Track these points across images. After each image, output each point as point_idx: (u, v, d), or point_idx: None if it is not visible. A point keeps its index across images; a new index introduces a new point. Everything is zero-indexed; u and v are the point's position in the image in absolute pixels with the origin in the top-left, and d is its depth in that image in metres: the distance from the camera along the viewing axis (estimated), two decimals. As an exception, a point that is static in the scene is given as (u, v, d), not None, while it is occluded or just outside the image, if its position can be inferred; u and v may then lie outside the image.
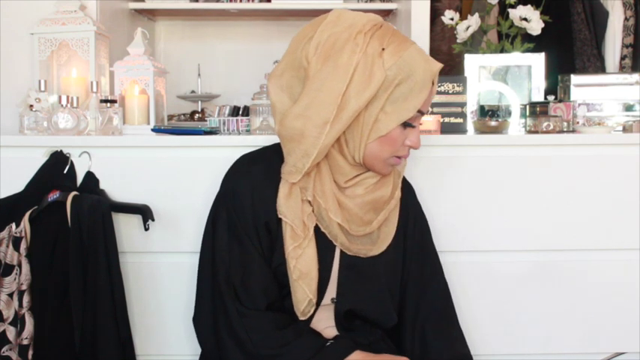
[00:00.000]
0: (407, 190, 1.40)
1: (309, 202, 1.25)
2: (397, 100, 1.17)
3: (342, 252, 1.30)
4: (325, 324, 1.33)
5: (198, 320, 1.36)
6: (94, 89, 1.69)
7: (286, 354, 1.23)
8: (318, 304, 1.29)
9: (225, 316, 1.27)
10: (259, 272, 1.27)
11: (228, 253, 1.28)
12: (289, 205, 1.23)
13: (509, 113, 1.83)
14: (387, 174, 1.28)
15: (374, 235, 1.31)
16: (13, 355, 1.43)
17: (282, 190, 1.24)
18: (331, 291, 1.31)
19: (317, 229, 1.27)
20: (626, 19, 2.53)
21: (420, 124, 1.26)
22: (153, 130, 1.68)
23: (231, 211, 1.28)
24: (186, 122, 2.54)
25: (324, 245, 1.28)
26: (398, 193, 1.32)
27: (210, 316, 1.32)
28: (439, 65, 1.21)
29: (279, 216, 1.24)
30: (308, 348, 1.24)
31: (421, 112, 1.22)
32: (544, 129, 1.66)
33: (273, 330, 1.25)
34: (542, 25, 1.99)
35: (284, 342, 1.24)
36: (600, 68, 2.54)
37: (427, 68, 1.18)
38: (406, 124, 1.21)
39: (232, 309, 1.26)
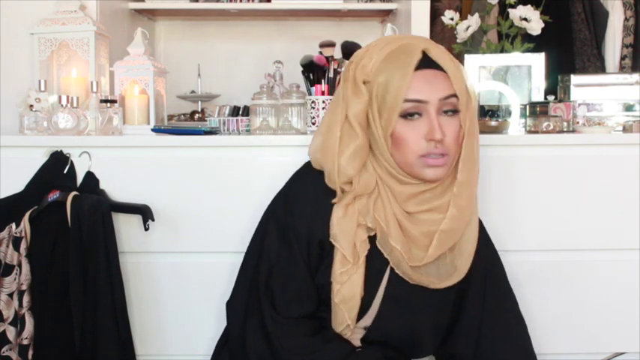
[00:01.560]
0: (480, 231, 1.33)
1: (369, 227, 1.22)
2: (384, 97, 1.18)
3: (388, 281, 1.26)
4: (351, 336, 1.32)
5: (231, 305, 1.36)
6: (94, 89, 1.69)
7: (316, 359, 1.24)
8: None
9: (259, 316, 1.27)
10: (300, 283, 1.26)
11: (275, 255, 1.27)
12: (342, 229, 1.21)
13: (509, 113, 1.83)
14: (432, 178, 1.20)
15: (442, 268, 1.25)
16: (13, 355, 1.43)
17: (337, 212, 1.22)
18: (368, 318, 1.28)
19: (369, 255, 1.23)
20: (626, 19, 2.53)
21: (456, 109, 1.19)
22: (153, 130, 1.68)
23: (289, 215, 1.26)
24: (186, 122, 2.54)
25: (373, 273, 1.25)
26: (472, 229, 1.27)
27: (244, 306, 1.32)
28: (419, 46, 1.18)
29: (331, 239, 1.22)
30: (337, 355, 1.24)
31: (417, 101, 1.16)
32: (544, 129, 1.66)
33: (304, 337, 1.25)
34: (542, 25, 1.98)
35: (313, 349, 1.24)
36: (600, 68, 2.54)
37: (405, 57, 1.17)
38: (406, 116, 1.17)
39: (267, 313, 1.26)
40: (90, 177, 1.53)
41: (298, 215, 1.25)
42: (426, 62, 1.18)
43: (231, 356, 1.36)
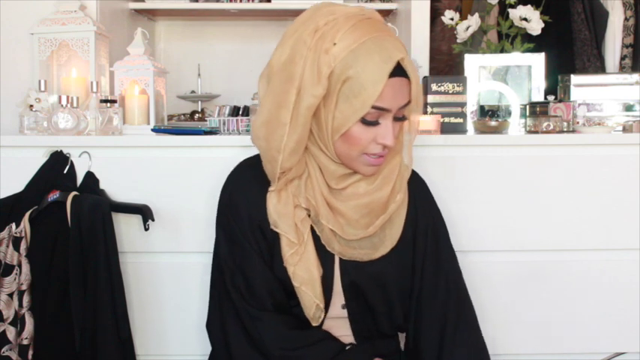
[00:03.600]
0: (417, 186, 1.34)
1: (304, 207, 1.23)
2: (348, 97, 1.12)
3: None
4: (339, 332, 1.30)
5: (211, 326, 1.34)
6: (94, 89, 1.69)
7: (303, 356, 1.23)
8: (326, 309, 1.27)
9: (236, 319, 1.26)
10: (262, 275, 1.25)
11: (231, 258, 1.27)
12: (280, 214, 1.22)
13: (509, 113, 1.83)
14: (368, 174, 1.21)
15: (375, 238, 1.25)
16: (13, 355, 1.43)
17: (271, 200, 1.23)
18: (338, 295, 1.28)
19: (315, 232, 1.24)
20: (626, 19, 2.53)
21: (404, 117, 1.18)
22: (153, 130, 1.68)
23: (230, 217, 1.27)
24: (186, 122, 2.54)
25: (324, 249, 1.25)
26: (400, 196, 1.26)
27: (219, 317, 1.31)
28: (397, 56, 1.11)
29: (272, 227, 1.22)
30: (327, 351, 1.24)
31: (381, 109, 1.13)
32: (544, 129, 1.66)
33: (284, 328, 1.24)
34: (542, 25, 1.99)
35: (297, 344, 1.23)
36: (600, 68, 2.54)
37: (380, 61, 1.10)
38: (367, 122, 1.14)
39: (243, 312, 1.25)
40: (90, 177, 1.53)
41: (237, 212, 1.26)
42: (398, 69, 1.13)
43: None
